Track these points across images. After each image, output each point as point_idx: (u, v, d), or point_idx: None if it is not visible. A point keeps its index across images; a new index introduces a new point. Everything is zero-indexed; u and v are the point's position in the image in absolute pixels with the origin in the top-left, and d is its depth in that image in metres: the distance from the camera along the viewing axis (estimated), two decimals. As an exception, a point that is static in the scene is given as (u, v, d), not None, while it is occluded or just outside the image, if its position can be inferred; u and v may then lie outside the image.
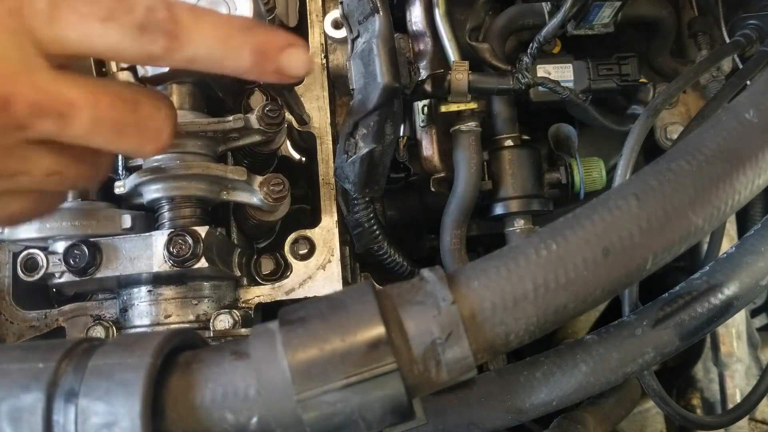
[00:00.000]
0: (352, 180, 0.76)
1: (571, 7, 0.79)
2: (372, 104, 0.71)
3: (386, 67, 0.72)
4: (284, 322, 0.45)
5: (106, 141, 0.54)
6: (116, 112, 0.53)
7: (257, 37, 0.56)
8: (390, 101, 0.72)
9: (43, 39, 0.50)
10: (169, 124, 0.58)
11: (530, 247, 0.47)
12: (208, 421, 0.43)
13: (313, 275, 0.83)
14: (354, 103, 0.74)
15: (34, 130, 0.51)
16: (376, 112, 0.71)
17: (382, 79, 0.71)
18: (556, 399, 0.61)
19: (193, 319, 0.77)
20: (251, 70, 0.56)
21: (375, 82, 0.71)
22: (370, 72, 0.72)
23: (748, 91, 0.52)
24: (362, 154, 0.73)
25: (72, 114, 0.51)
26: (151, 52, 0.52)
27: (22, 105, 0.49)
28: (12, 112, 0.49)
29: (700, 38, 0.91)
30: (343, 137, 0.76)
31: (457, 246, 0.87)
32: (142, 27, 0.51)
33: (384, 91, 0.71)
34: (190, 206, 0.78)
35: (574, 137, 0.92)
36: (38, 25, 0.50)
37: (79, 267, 0.73)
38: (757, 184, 0.49)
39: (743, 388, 0.97)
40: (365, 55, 0.72)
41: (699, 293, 0.58)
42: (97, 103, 0.52)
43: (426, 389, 0.45)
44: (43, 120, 0.50)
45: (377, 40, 0.71)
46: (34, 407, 0.42)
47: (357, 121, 0.73)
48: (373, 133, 0.72)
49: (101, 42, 0.51)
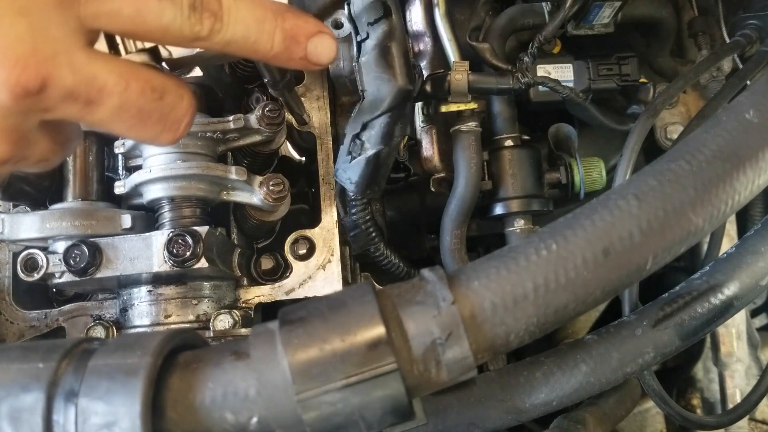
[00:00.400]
0: (354, 181, 0.76)
1: (571, 7, 0.79)
2: (385, 106, 0.71)
3: (401, 70, 0.72)
4: (284, 322, 0.45)
5: (126, 128, 0.52)
6: (143, 100, 0.51)
7: (289, 22, 0.55)
8: (403, 103, 0.72)
9: (89, 13, 0.47)
10: (190, 115, 0.55)
11: (530, 247, 0.47)
12: (208, 422, 0.43)
13: (313, 275, 0.83)
14: (364, 104, 0.74)
15: (57, 113, 0.48)
16: (388, 113, 0.71)
17: (397, 82, 0.71)
18: (556, 399, 0.61)
19: (193, 319, 0.77)
20: (280, 55, 0.55)
21: (389, 84, 0.71)
22: (383, 74, 0.72)
23: (748, 91, 0.52)
24: (369, 155, 0.73)
25: (101, 100, 0.48)
26: (198, 33, 0.50)
27: (57, 90, 0.46)
28: (45, 97, 0.46)
29: (700, 38, 0.91)
30: (348, 138, 0.76)
31: (457, 246, 0.87)
32: (193, 6, 0.49)
33: (399, 93, 0.71)
34: (190, 206, 0.78)
35: (574, 137, 0.92)
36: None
37: (79, 267, 0.73)
38: (757, 184, 0.49)
39: (743, 388, 0.97)
40: (377, 57, 0.72)
41: (699, 293, 0.58)
42: (128, 89, 0.49)
43: (426, 389, 0.45)
44: (71, 105, 0.47)
45: (393, 43, 0.71)
46: (34, 407, 0.42)
47: (366, 122, 0.73)
48: (382, 135, 0.72)
49: (154, 20, 0.49)
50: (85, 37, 0.48)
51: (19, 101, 0.45)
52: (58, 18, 0.46)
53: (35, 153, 0.52)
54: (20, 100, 0.45)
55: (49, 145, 0.53)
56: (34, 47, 0.45)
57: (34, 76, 0.45)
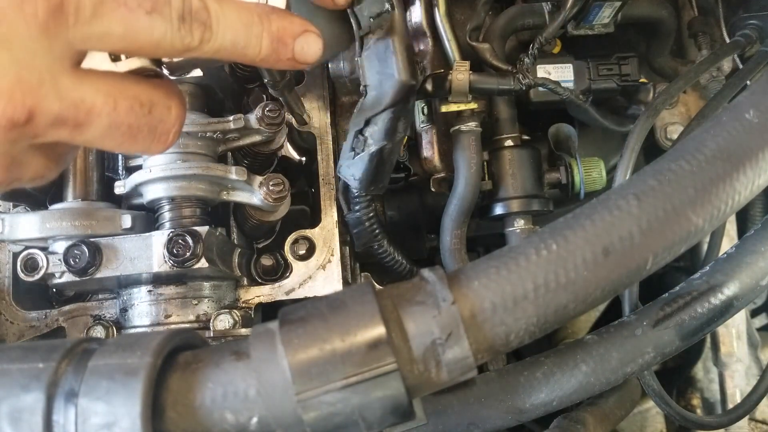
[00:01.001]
0: (358, 177, 0.76)
1: (572, 8, 0.79)
2: (387, 101, 0.71)
3: (404, 64, 0.71)
4: (284, 322, 0.45)
5: (116, 144, 0.53)
6: (132, 117, 0.51)
7: (275, 24, 0.55)
8: (406, 98, 0.72)
9: (78, 37, 0.47)
10: (179, 124, 0.56)
11: (530, 248, 0.47)
12: (209, 422, 0.43)
13: (313, 275, 0.83)
14: (367, 100, 0.74)
15: (47, 137, 0.48)
16: (391, 109, 0.72)
17: (399, 76, 0.71)
18: (556, 399, 0.61)
19: (194, 319, 0.77)
20: (268, 58, 0.55)
21: (392, 79, 0.71)
22: (386, 69, 0.72)
23: (748, 91, 0.52)
24: (372, 151, 0.73)
25: (90, 121, 0.49)
26: (189, 44, 0.51)
27: (44, 118, 0.46)
28: (33, 126, 0.46)
29: (700, 38, 0.91)
30: (351, 134, 0.76)
31: (457, 246, 0.87)
32: (182, 17, 0.49)
33: (402, 88, 0.71)
34: (190, 206, 0.78)
35: (574, 137, 0.92)
36: (80, 21, 0.46)
37: (79, 267, 0.73)
38: (757, 184, 0.48)
39: (743, 388, 0.97)
40: (380, 52, 0.72)
41: (699, 293, 0.58)
42: (116, 108, 0.50)
43: (426, 389, 0.45)
44: (60, 129, 0.48)
45: (395, 38, 0.71)
46: (34, 407, 0.42)
47: (369, 117, 0.73)
48: (385, 130, 0.72)
49: (145, 37, 0.49)
50: (72, 59, 0.49)
51: (6, 132, 0.45)
52: (43, 46, 0.46)
53: (28, 173, 0.52)
54: (7, 132, 0.45)
55: (43, 163, 0.53)
56: (19, 79, 0.45)
57: (20, 108, 0.45)
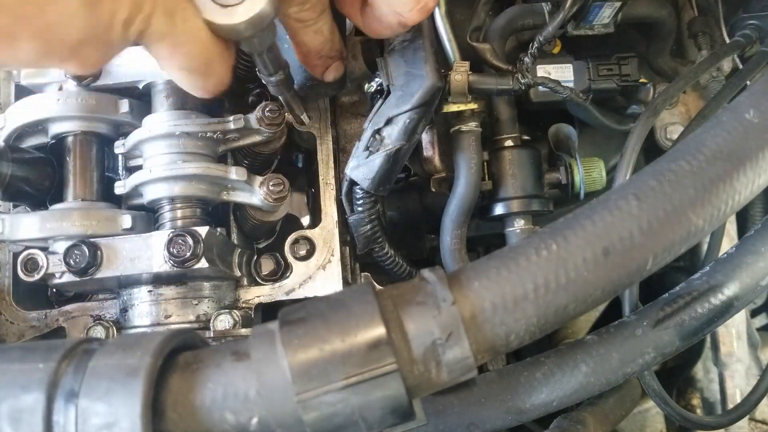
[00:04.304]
0: (370, 177, 0.76)
1: (571, 8, 0.79)
2: (414, 101, 0.72)
3: (433, 66, 0.73)
4: (284, 322, 0.45)
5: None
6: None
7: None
8: (432, 100, 0.73)
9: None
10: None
11: (530, 248, 0.47)
12: (209, 422, 0.43)
13: (313, 275, 0.83)
14: (390, 99, 0.74)
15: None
16: (417, 109, 0.72)
17: (431, 79, 0.71)
18: (556, 399, 0.61)
19: (194, 319, 0.77)
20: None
21: (420, 79, 0.72)
22: (415, 70, 0.72)
23: (748, 92, 0.52)
24: (390, 151, 0.73)
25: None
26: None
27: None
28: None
29: (700, 38, 0.91)
30: (367, 133, 0.76)
31: (458, 246, 0.87)
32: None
33: (431, 89, 0.72)
34: (190, 206, 0.78)
35: (574, 137, 0.92)
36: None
37: (79, 267, 0.73)
38: (757, 184, 0.49)
39: (743, 388, 0.97)
40: (408, 53, 0.73)
41: (699, 293, 0.58)
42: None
43: (426, 390, 0.45)
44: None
45: (425, 40, 0.72)
46: (35, 408, 0.42)
47: (391, 117, 0.74)
48: (405, 131, 0.73)
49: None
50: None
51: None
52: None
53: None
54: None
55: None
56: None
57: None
